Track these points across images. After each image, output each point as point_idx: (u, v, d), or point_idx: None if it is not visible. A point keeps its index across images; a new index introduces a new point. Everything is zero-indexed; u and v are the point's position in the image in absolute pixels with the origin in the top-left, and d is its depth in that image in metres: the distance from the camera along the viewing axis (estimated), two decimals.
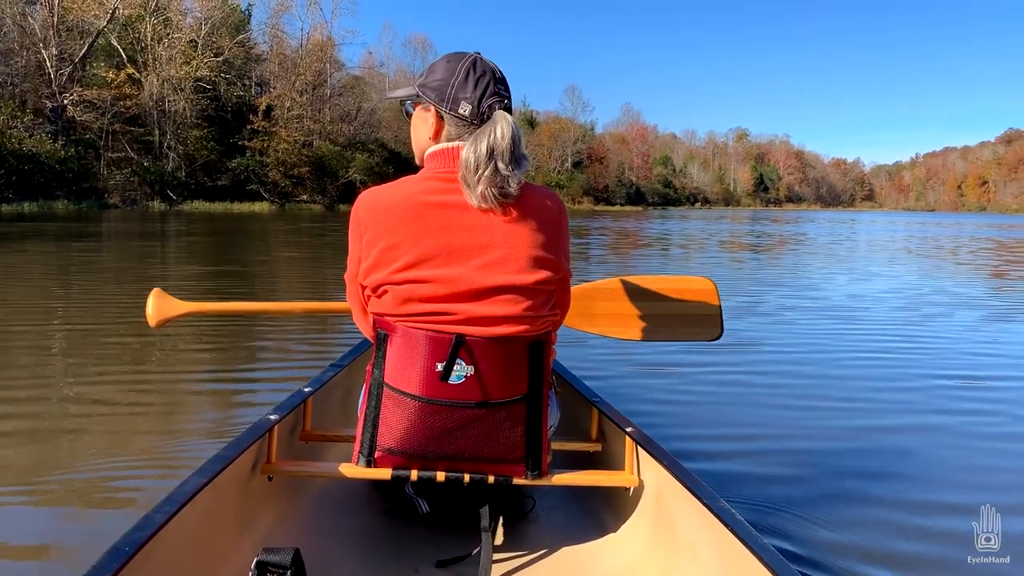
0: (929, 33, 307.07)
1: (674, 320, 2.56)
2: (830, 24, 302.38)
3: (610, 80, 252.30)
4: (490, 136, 1.60)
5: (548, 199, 1.73)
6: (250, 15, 57.54)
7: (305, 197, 51.07)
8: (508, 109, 1.69)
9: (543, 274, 1.67)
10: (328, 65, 58.51)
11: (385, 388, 1.70)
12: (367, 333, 1.84)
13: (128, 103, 43.97)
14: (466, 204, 1.63)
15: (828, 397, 4.37)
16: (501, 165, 1.60)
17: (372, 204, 1.68)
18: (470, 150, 1.60)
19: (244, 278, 10.23)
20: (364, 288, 1.73)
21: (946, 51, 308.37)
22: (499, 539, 1.96)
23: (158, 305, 2.24)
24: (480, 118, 1.65)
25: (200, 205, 43.18)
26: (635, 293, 2.56)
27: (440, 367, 1.64)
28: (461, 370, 1.64)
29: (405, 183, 1.69)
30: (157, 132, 45.79)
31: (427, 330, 1.64)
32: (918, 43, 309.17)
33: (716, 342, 2.65)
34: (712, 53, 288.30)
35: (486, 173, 1.59)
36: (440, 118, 1.69)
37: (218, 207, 43.08)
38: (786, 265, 14.26)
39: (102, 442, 3.25)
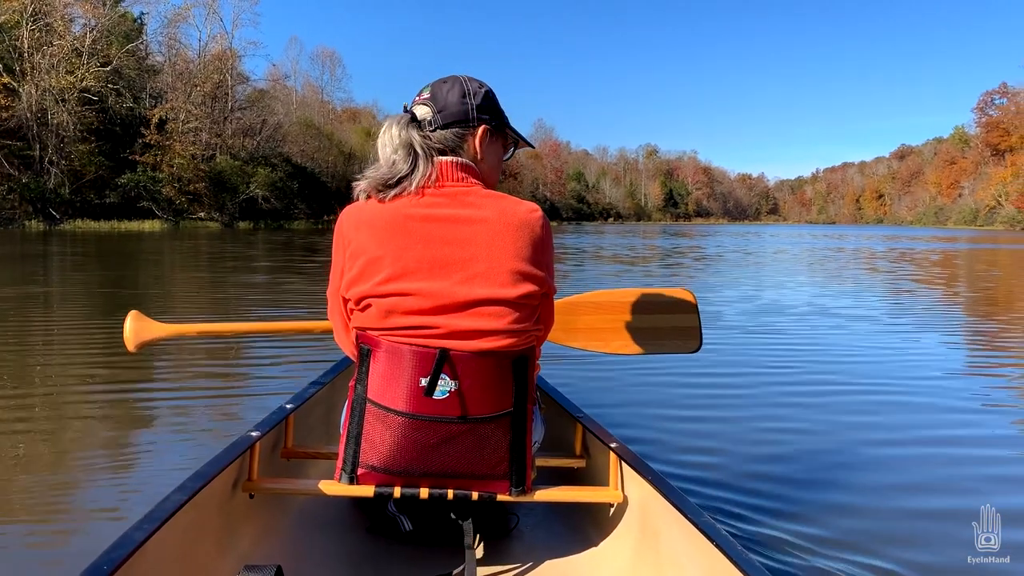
0: (826, 53, 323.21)
1: (655, 333, 2.52)
2: (732, 41, 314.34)
3: (522, 96, 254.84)
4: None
5: (532, 213, 1.69)
6: (143, 24, 54.75)
7: (202, 214, 48.65)
8: (442, 125, 1.70)
9: (527, 288, 1.64)
10: (229, 77, 56.08)
11: (368, 404, 1.66)
12: (348, 351, 1.78)
13: (4, 115, 40.79)
14: (450, 217, 1.62)
15: (810, 406, 4.28)
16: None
17: (357, 217, 1.66)
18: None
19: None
20: (347, 301, 1.69)
21: (843, 70, 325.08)
22: (483, 556, 1.90)
23: (136, 328, 2.17)
24: None
25: (84, 224, 40.42)
26: (616, 307, 2.53)
27: (424, 382, 1.60)
28: (445, 385, 1.61)
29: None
30: (37, 146, 42.66)
31: (411, 344, 1.61)
32: (816, 61, 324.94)
33: (697, 354, 2.60)
34: (622, 70, 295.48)
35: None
36: None
37: (104, 226, 40.48)
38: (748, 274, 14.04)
39: (78, 456, 3.17)
